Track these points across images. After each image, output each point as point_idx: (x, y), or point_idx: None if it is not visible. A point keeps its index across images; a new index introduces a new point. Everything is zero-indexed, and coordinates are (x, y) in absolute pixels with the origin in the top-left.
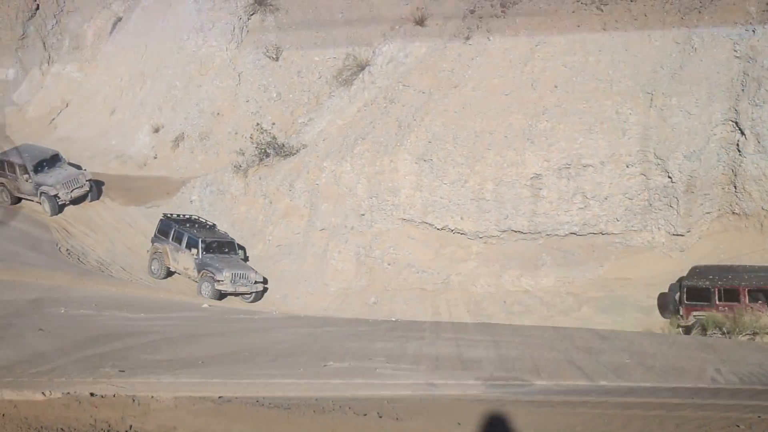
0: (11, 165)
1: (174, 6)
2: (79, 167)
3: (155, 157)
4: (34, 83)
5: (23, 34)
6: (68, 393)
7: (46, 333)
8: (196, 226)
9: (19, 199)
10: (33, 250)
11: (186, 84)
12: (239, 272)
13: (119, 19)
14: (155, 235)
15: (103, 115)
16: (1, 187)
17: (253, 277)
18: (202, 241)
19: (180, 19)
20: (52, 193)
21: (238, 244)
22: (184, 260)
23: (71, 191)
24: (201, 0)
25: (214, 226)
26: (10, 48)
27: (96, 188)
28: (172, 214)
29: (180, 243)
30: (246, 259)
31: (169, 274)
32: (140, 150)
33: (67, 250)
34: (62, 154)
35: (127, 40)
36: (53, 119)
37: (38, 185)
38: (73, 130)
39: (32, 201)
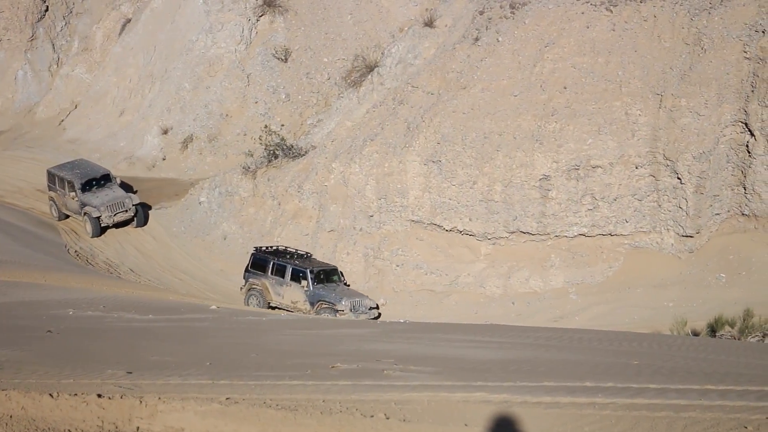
0: (62, 180)
1: (183, 8)
2: (129, 189)
3: (164, 159)
4: (44, 85)
5: (32, 36)
6: (75, 394)
7: (54, 334)
8: (295, 257)
9: (67, 216)
10: (42, 252)
11: (195, 85)
12: (356, 300)
13: (128, 21)
14: (248, 270)
15: (112, 117)
16: (51, 202)
17: (368, 303)
18: (310, 272)
19: (189, 21)
20: (95, 215)
21: (340, 271)
22: (291, 294)
23: (114, 214)
24: (210, 1)
25: (309, 254)
26: (19, 50)
27: (143, 213)
28: (262, 247)
29: (283, 276)
30: (347, 284)
31: (270, 309)
32: (149, 151)
33: (76, 251)
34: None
35: (136, 41)
36: (62, 121)
37: (83, 204)
38: (82, 132)
39: (77, 219)
